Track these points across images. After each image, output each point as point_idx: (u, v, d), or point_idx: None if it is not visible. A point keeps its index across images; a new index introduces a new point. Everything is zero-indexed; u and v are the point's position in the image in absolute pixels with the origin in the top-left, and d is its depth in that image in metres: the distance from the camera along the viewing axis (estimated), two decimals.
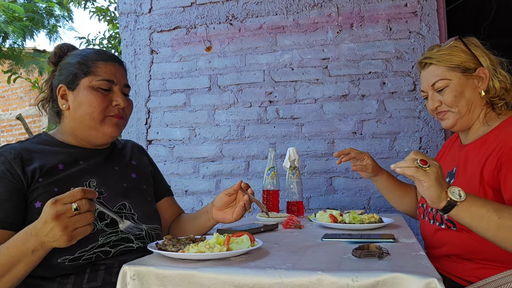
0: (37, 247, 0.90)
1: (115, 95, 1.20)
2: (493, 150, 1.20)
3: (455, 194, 0.98)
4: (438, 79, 1.32)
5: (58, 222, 0.86)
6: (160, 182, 1.44)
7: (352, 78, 2.30)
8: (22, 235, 0.92)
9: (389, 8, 2.26)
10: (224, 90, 2.48)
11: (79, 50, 1.25)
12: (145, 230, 1.20)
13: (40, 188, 1.07)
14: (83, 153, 1.21)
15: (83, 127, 1.19)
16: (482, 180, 1.19)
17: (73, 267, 1.04)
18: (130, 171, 1.30)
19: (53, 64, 1.26)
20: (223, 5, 2.50)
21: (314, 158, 2.33)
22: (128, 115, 1.26)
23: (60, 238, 0.87)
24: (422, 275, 0.76)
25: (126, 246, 1.14)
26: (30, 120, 8.54)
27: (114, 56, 1.26)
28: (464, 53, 1.31)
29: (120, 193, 1.20)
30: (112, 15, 5.35)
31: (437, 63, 1.33)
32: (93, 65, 1.18)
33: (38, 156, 1.12)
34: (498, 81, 1.28)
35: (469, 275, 1.21)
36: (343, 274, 0.79)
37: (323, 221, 1.43)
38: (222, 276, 0.83)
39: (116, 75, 1.21)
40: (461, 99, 1.30)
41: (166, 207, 1.43)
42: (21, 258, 0.91)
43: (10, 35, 7.19)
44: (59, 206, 0.86)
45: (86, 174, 1.17)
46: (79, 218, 0.88)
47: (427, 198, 1.01)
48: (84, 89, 1.17)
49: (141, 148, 1.44)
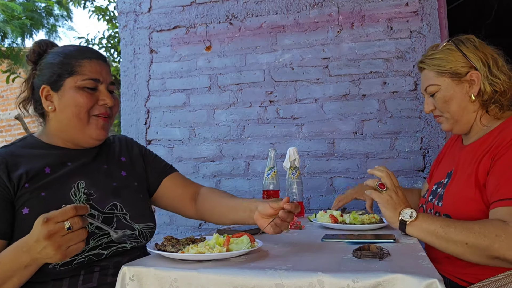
0: (29, 262, 0.90)
1: (102, 94, 1.17)
2: (488, 150, 1.21)
3: (406, 215, 1.13)
4: (429, 83, 1.33)
5: (51, 242, 0.84)
6: (157, 165, 1.37)
7: (352, 78, 2.29)
8: (13, 251, 0.91)
9: (390, 7, 2.25)
10: (224, 90, 2.48)
11: (60, 48, 1.20)
12: (138, 229, 1.17)
13: (27, 194, 1.05)
14: (70, 154, 1.18)
15: (69, 129, 1.16)
16: (477, 181, 1.19)
17: (65, 271, 1.03)
18: (120, 169, 1.26)
19: (33, 62, 1.21)
20: (223, 4, 2.49)
21: (315, 158, 2.32)
22: (115, 112, 1.23)
23: (53, 257, 0.87)
24: (423, 276, 0.76)
25: (118, 247, 1.12)
26: (29, 120, 8.53)
27: (98, 53, 1.22)
28: (456, 56, 1.29)
29: (111, 193, 1.17)
30: (112, 14, 5.35)
31: (428, 67, 1.34)
32: (77, 64, 1.14)
33: (23, 160, 1.10)
34: (490, 84, 1.25)
35: (470, 276, 1.21)
36: (343, 275, 0.79)
37: (324, 222, 1.43)
38: (222, 277, 0.82)
39: (102, 73, 1.17)
40: (451, 104, 1.31)
41: (172, 186, 1.36)
42: (14, 273, 0.91)
43: (9, 35, 7.19)
44: (51, 225, 0.84)
45: (74, 176, 1.14)
46: (72, 236, 0.86)
47: (384, 217, 1.20)
48: (70, 90, 1.13)
49: (130, 140, 1.39)
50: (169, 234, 1.89)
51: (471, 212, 1.19)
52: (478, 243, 1.04)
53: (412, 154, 2.19)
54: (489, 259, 1.05)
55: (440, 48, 1.33)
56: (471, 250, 1.05)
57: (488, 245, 1.02)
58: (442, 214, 1.25)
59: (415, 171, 2.17)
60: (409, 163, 2.19)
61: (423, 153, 2.18)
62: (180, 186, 1.36)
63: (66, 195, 1.10)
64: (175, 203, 1.36)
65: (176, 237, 1.05)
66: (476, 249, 1.04)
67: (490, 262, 1.06)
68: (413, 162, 2.19)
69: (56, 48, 1.21)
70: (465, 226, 1.07)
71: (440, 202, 1.29)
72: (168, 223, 2.53)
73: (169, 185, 1.35)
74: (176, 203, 1.36)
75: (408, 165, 2.19)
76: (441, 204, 1.28)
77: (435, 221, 1.11)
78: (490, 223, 1.06)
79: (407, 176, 2.18)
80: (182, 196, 1.36)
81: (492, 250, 1.02)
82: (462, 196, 1.22)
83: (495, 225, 1.04)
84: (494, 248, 1.02)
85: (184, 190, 1.36)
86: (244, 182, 2.42)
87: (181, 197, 1.35)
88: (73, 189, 1.12)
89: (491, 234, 1.03)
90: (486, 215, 1.15)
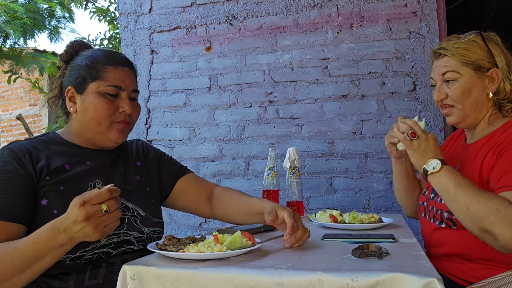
0: (66, 241, 0.92)
1: (122, 101, 1.18)
2: (493, 147, 1.21)
3: (430, 166, 1.16)
4: (449, 69, 1.29)
5: (89, 223, 0.88)
6: (171, 167, 1.40)
7: (352, 78, 2.30)
8: (49, 230, 0.93)
9: (389, 8, 2.26)
10: (224, 90, 2.48)
11: (90, 51, 1.23)
12: (147, 233, 1.19)
13: (47, 187, 1.08)
14: (90, 154, 1.21)
15: (89, 131, 1.19)
16: (481, 177, 1.19)
17: (73, 265, 1.05)
18: (134, 173, 1.29)
19: (64, 62, 1.24)
20: (223, 5, 2.50)
21: (314, 158, 2.33)
22: (135, 119, 1.25)
23: (92, 236, 0.90)
24: (422, 275, 0.76)
25: (127, 248, 1.14)
26: (30, 120, 8.53)
27: (125, 59, 1.24)
28: (481, 49, 1.28)
29: (124, 195, 1.19)
30: (113, 15, 5.35)
31: (451, 55, 1.29)
32: (102, 70, 1.17)
33: (45, 154, 1.13)
34: (510, 84, 1.26)
35: (469, 276, 1.21)
36: (343, 274, 0.79)
37: (323, 221, 1.43)
38: (222, 276, 0.83)
39: (125, 80, 1.19)
40: (468, 97, 1.28)
41: (186, 188, 1.38)
42: (48, 252, 0.94)
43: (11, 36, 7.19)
44: (88, 207, 0.88)
45: (92, 175, 1.17)
46: (108, 217, 0.90)
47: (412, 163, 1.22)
48: (92, 94, 1.16)
49: (146, 145, 1.41)
50: (169, 233, 1.90)
51: None
52: (478, 210, 1.06)
53: None
54: (481, 231, 1.07)
55: (466, 39, 1.30)
56: (469, 215, 1.08)
57: (485, 216, 1.04)
58: (444, 211, 1.25)
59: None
60: None
61: None
62: (194, 188, 1.38)
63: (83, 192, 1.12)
64: (190, 204, 1.38)
65: (177, 236, 1.06)
66: (474, 216, 1.07)
67: (480, 234, 1.08)
68: None
69: (87, 51, 1.24)
70: (474, 192, 1.09)
71: (442, 200, 1.30)
72: (169, 222, 2.54)
73: (183, 187, 1.38)
74: (191, 204, 1.38)
75: None
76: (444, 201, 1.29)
77: (452, 177, 1.13)
78: (496, 198, 1.07)
79: None
80: (197, 197, 1.38)
81: (486, 221, 1.04)
82: None
83: (500, 200, 1.06)
84: (489, 220, 1.04)
85: (198, 191, 1.38)
86: (244, 182, 2.43)
87: (196, 198, 1.37)
88: (90, 188, 1.14)
89: (493, 206, 1.04)
90: None
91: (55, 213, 1.05)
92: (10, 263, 0.93)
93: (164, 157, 1.42)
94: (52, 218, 0.95)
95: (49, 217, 0.96)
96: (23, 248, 0.94)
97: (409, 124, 1.22)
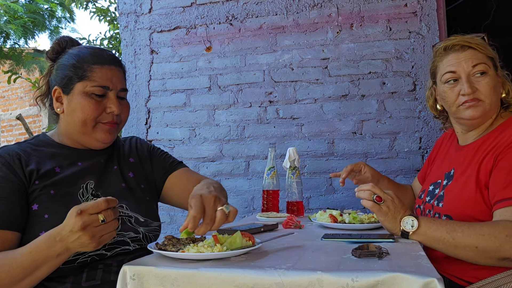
0: (62, 251, 0.92)
1: (110, 101, 1.15)
2: (490, 150, 1.20)
3: (407, 225, 1.09)
4: (480, 61, 1.23)
5: (85, 232, 0.88)
6: (163, 162, 1.35)
7: (352, 78, 2.30)
8: (46, 240, 0.92)
9: (389, 8, 2.26)
10: (224, 90, 2.48)
11: (77, 49, 1.19)
12: (143, 232, 1.17)
13: (37, 191, 1.07)
14: (82, 154, 1.19)
15: (76, 132, 1.17)
16: (479, 181, 1.19)
17: (68, 269, 1.04)
18: (128, 170, 1.26)
19: (51, 60, 1.21)
20: (223, 5, 2.50)
21: (314, 158, 2.33)
22: (124, 118, 1.22)
23: (88, 245, 0.90)
24: (422, 275, 0.76)
25: (122, 249, 1.13)
26: (30, 120, 8.54)
27: (112, 58, 1.20)
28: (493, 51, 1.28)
29: (118, 194, 1.17)
30: (113, 15, 5.35)
31: (477, 47, 1.24)
32: (88, 69, 1.13)
33: (34, 158, 1.11)
34: None
35: (469, 276, 1.21)
36: (343, 274, 0.79)
37: (323, 221, 1.43)
38: (222, 276, 0.83)
39: (112, 79, 1.16)
40: (494, 93, 1.24)
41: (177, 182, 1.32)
42: (45, 262, 0.93)
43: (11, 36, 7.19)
44: (85, 217, 0.87)
45: (84, 175, 1.15)
46: (105, 227, 0.90)
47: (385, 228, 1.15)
48: (78, 94, 1.13)
49: (139, 140, 1.38)
50: (169, 233, 1.90)
51: (472, 213, 1.18)
52: (488, 245, 1.02)
53: (411, 154, 2.20)
54: (499, 260, 1.04)
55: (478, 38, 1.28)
56: (481, 253, 1.04)
57: (498, 247, 1.02)
58: (442, 215, 1.25)
59: (414, 171, 2.18)
60: (408, 163, 2.20)
61: (422, 153, 2.19)
62: (182, 183, 1.32)
63: (74, 195, 1.11)
64: (181, 199, 1.31)
65: (177, 236, 1.05)
66: (486, 252, 1.03)
67: (500, 263, 1.06)
68: (412, 162, 2.20)
69: (73, 48, 1.20)
70: (472, 229, 1.04)
71: (440, 203, 1.29)
72: (169, 222, 2.54)
73: (174, 182, 1.33)
74: (180, 199, 1.32)
75: (407, 165, 2.20)
76: (442, 205, 1.28)
77: (440, 227, 1.07)
78: (498, 224, 1.04)
79: (406, 176, 2.19)
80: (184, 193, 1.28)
81: (502, 251, 1.02)
82: (463, 197, 1.22)
83: (504, 226, 1.03)
84: (504, 249, 1.01)
85: (186, 187, 1.28)
86: (244, 182, 2.43)
87: (183, 194, 1.29)
88: (82, 190, 1.13)
89: (501, 235, 1.02)
90: (487, 216, 1.15)
91: (46, 218, 1.04)
92: (7, 273, 0.92)
93: (156, 152, 1.37)
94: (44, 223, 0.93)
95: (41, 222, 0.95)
96: (20, 258, 0.93)
97: (370, 190, 1.12)
